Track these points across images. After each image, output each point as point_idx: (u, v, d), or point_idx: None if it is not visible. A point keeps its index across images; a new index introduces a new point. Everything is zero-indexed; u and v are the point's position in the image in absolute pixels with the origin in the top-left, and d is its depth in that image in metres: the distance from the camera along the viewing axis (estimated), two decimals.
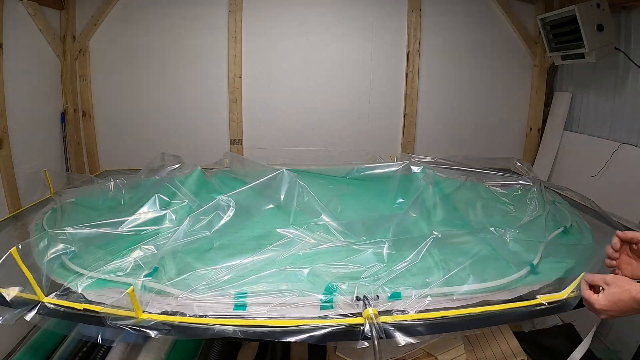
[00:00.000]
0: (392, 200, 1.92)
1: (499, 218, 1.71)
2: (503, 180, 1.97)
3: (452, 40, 2.94)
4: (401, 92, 2.98)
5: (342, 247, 1.34)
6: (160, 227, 1.44)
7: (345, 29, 2.90)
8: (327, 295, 1.07)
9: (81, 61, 2.83)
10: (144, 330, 0.96)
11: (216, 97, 2.93)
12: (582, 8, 2.15)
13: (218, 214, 1.40)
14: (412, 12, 2.86)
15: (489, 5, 2.91)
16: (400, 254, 1.22)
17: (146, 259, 1.20)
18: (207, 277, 1.15)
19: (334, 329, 0.97)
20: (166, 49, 2.86)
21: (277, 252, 1.27)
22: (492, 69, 3.00)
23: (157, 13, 2.81)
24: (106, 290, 1.11)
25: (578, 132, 2.72)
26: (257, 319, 1.01)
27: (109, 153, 3.00)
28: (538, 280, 1.14)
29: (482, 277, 1.16)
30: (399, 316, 1.01)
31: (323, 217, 1.50)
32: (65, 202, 1.77)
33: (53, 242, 1.24)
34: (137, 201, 1.61)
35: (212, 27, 2.83)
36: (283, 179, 1.62)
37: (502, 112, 3.08)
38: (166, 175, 1.97)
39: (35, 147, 2.47)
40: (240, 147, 3.00)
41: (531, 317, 1.07)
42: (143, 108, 2.94)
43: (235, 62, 2.87)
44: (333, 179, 2.15)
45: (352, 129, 3.03)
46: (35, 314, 1.03)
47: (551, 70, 2.99)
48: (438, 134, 3.07)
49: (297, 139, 3.02)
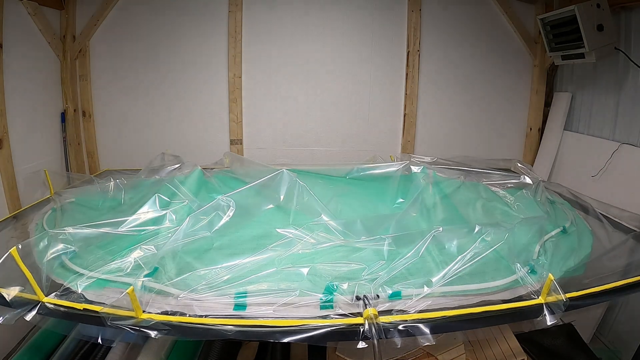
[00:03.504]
0: (392, 200, 1.92)
1: (499, 218, 1.71)
2: (503, 180, 1.97)
3: (452, 40, 2.94)
4: (401, 92, 2.98)
5: (342, 246, 1.34)
6: (160, 227, 1.44)
7: (346, 29, 2.90)
8: (327, 295, 1.07)
9: (81, 61, 2.83)
10: (144, 330, 0.96)
11: (216, 97, 2.93)
12: (582, 8, 2.15)
13: (218, 214, 1.40)
14: (412, 12, 2.86)
15: (489, 5, 2.91)
16: (401, 251, 1.22)
17: (146, 259, 1.20)
18: (207, 277, 1.15)
19: (334, 329, 0.97)
20: (166, 49, 2.86)
21: (277, 252, 1.27)
22: (492, 69, 2.99)
23: (157, 13, 2.81)
24: (106, 290, 1.11)
25: (578, 132, 2.72)
26: (257, 319, 1.01)
27: (109, 153, 3.00)
28: (538, 280, 1.14)
29: (482, 277, 1.16)
30: (399, 316, 1.01)
31: (323, 216, 1.50)
32: (65, 202, 1.77)
33: (53, 242, 1.24)
34: (137, 201, 1.62)
35: (212, 27, 2.83)
36: (283, 179, 1.62)
37: (502, 112, 3.07)
38: (166, 175, 1.98)
39: (35, 147, 2.47)
40: (240, 147, 3.00)
41: (531, 317, 1.06)
42: (143, 108, 2.94)
43: (235, 62, 2.87)
44: (333, 179, 2.15)
45: (352, 129, 3.03)
46: (35, 314, 1.03)
47: (551, 70, 2.99)
48: (438, 134, 3.07)
49: (297, 139, 3.02)
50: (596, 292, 1.12)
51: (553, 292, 1.05)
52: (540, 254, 1.29)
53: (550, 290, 1.05)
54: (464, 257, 1.15)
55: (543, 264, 1.23)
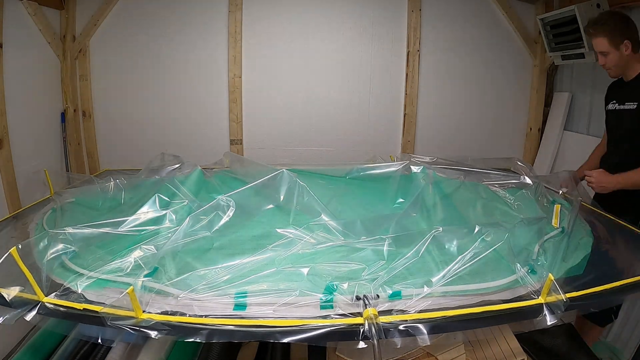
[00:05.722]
0: (392, 200, 1.92)
1: (499, 218, 1.70)
2: (503, 180, 1.96)
3: (452, 40, 2.94)
4: (401, 92, 2.98)
5: (342, 246, 1.34)
6: (160, 227, 1.44)
7: (346, 29, 2.90)
8: (327, 295, 1.07)
9: (81, 61, 2.83)
10: (144, 330, 0.96)
11: (216, 97, 2.93)
12: (582, 8, 2.15)
13: (218, 214, 1.40)
14: (412, 12, 2.86)
15: (489, 5, 2.91)
16: (401, 251, 1.22)
17: (146, 259, 1.20)
18: (207, 277, 1.15)
19: (333, 329, 0.97)
20: (166, 49, 2.86)
21: (277, 252, 1.27)
22: (492, 69, 3.00)
23: (157, 13, 2.81)
24: (106, 290, 1.11)
25: (578, 132, 2.72)
26: (257, 319, 1.01)
27: (109, 153, 3.00)
28: (538, 280, 1.14)
29: (482, 277, 1.16)
30: (399, 316, 1.01)
31: (323, 216, 1.50)
32: (65, 202, 1.77)
33: (53, 242, 1.24)
34: (137, 201, 1.61)
35: (212, 27, 2.84)
36: (283, 179, 1.62)
37: (502, 112, 3.08)
38: (166, 175, 1.97)
39: (35, 147, 2.47)
40: (240, 147, 3.00)
41: (531, 317, 1.06)
42: (143, 108, 2.94)
43: (235, 62, 2.87)
44: (333, 179, 2.15)
45: (352, 129, 3.03)
46: (35, 314, 1.03)
47: (551, 70, 2.99)
48: (438, 134, 3.07)
49: (297, 139, 3.02)
50: (596, 292, 1.12)
51: (553, 292, 1.05)
52: (540, 254, 1.29)
53: (550, 290, 1.05)
54: (464, 257, 1.15)
55: (543, 264, 1.23)
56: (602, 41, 1.74)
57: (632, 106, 1.75)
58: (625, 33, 1.71)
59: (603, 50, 1.75)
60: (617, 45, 1.72)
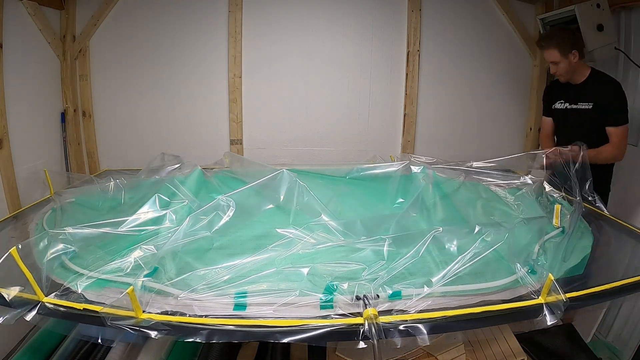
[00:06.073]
0: (392, 200, 1.92)
1: (499, 218, 1.71)
2: (503, 180, 1.96)
3: (452, 40, 2.94)
4: (401, 92, 2.98)
5: (342, 246, 1.34)
6: (160, 227, 1.44)
7: (345, 29, 2.90)
8: (327, 295, 1.07)
9: (81, 61, 2.83)
10: (144, 330, 0.96)
11: (216, 97, 2.93)
12: (582, 8, 2.15)
13: (218, 214, 1.40)
14: (412, 12, 2.86)
15: (489, 5, 2.91)
16: (401, 251, 1.22)
17: (146, 259, 1.20)
18: (207, 277, 1.15)
19: (333, 329, 0.97)
20: (166, 49, 2.86)
21: (277, 252, 1.27)
22: (492, 68, 2.99)
23: (157, 13, 2.81)
24: (106, 290, 1.11)
25: None
26: (257, 319, 1.01)
27: (109, 153, 3.00)
28: (538, 280, 1.14)
29: (482, 277, 1.16)
30: (399, 316, 1.01)
31: (323, 216, 1.50)
32: (65, 202, 1.77)
33: (53, 242, 1.24)
34: (137, 201, 1.62)
35: (212, 27, 2.83)
36: (283, 179, 1.62)
37: (502, 112, 3.07)
38: (166, 175, 1.97)
39: (35, 147, 2.47)
40: (240, 147, 3.00)
41: (531, 317, 1.06)
42: (143, 108, 2.94)
43: (235, 62, 2.87)
44: (333, 179, 2.15)
45: (352, 129, 3.03)
46: (35, 314, 1.03)
47: None
48: (438, 134, 3.07)
49: (297, 139, 3.02)
50: (596, 292, 1.12)
51: (553, 292, 1.05)
52: (540, 254, 1.29)
53: (550, 290, 1.05)
54: (464, 257, 1.15)
55: (543, 264, 1.23)
56: (553, 52, 2.00)
57: (588, 106, 2.02)
58: (574, 44, 1.98)
59: (554, 60, 2.02)
60: (566, 54, 1.99)
